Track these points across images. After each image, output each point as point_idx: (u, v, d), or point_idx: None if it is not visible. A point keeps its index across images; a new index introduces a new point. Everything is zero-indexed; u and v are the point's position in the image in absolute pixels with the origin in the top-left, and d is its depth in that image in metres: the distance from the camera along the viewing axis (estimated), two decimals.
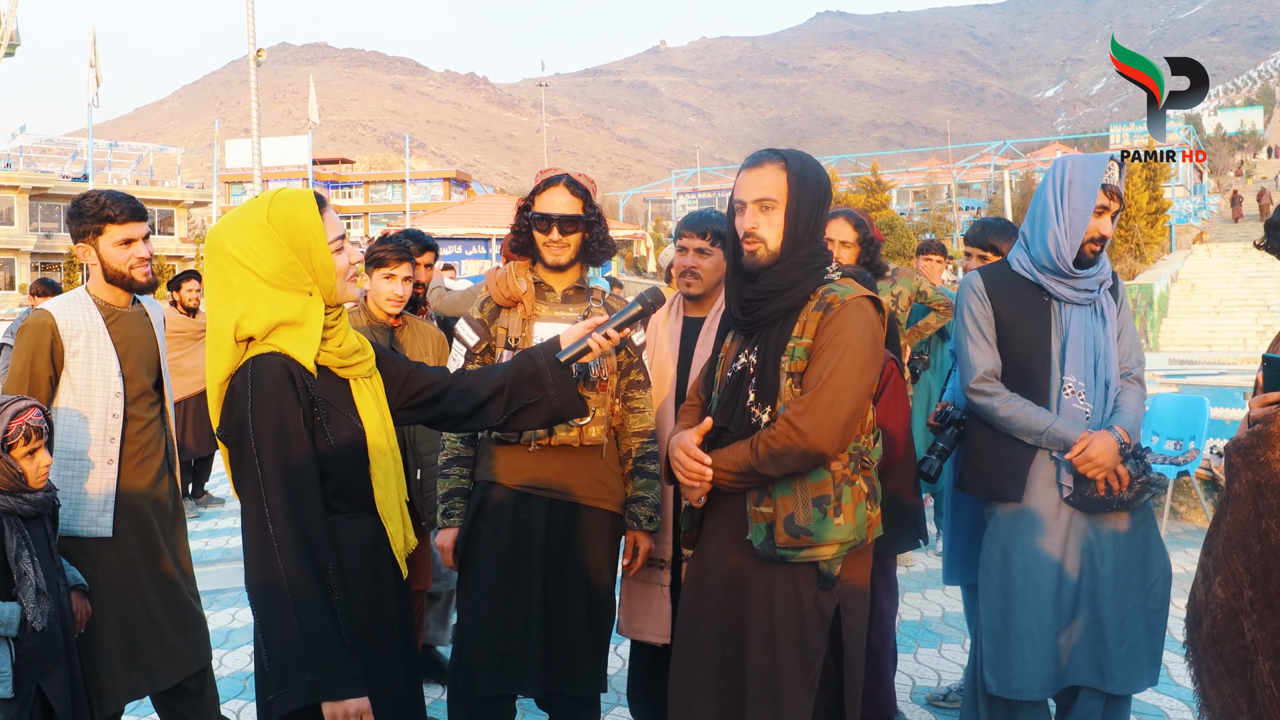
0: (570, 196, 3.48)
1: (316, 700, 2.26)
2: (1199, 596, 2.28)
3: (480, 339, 3.53)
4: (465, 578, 3.46)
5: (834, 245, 4.30)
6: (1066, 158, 3.48)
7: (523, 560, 3.37)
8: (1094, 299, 3.47)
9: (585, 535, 3.45)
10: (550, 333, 3.45)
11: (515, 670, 3.34)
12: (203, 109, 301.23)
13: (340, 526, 2.45)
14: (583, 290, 3.59)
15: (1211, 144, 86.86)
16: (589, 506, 3.46)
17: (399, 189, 76.12)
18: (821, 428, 2.66)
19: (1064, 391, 3.41)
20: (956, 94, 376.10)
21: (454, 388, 2.77)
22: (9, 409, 3.02)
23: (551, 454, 3.42)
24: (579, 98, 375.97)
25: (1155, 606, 3.42)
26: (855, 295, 2.78)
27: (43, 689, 3.02)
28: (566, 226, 3.46)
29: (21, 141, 61.34)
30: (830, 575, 2.78)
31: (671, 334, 3.81)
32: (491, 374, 2.80)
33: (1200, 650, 2.27)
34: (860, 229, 4.39)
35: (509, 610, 3.35)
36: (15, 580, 2.98)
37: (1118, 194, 3.45)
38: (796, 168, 2.83)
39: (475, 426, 2.87)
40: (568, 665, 3.40)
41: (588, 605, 3.44)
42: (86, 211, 3.53)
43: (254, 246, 2.39)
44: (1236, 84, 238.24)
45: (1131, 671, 3.37)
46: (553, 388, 2.77)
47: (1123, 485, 3.31)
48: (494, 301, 3.54)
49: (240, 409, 2.36)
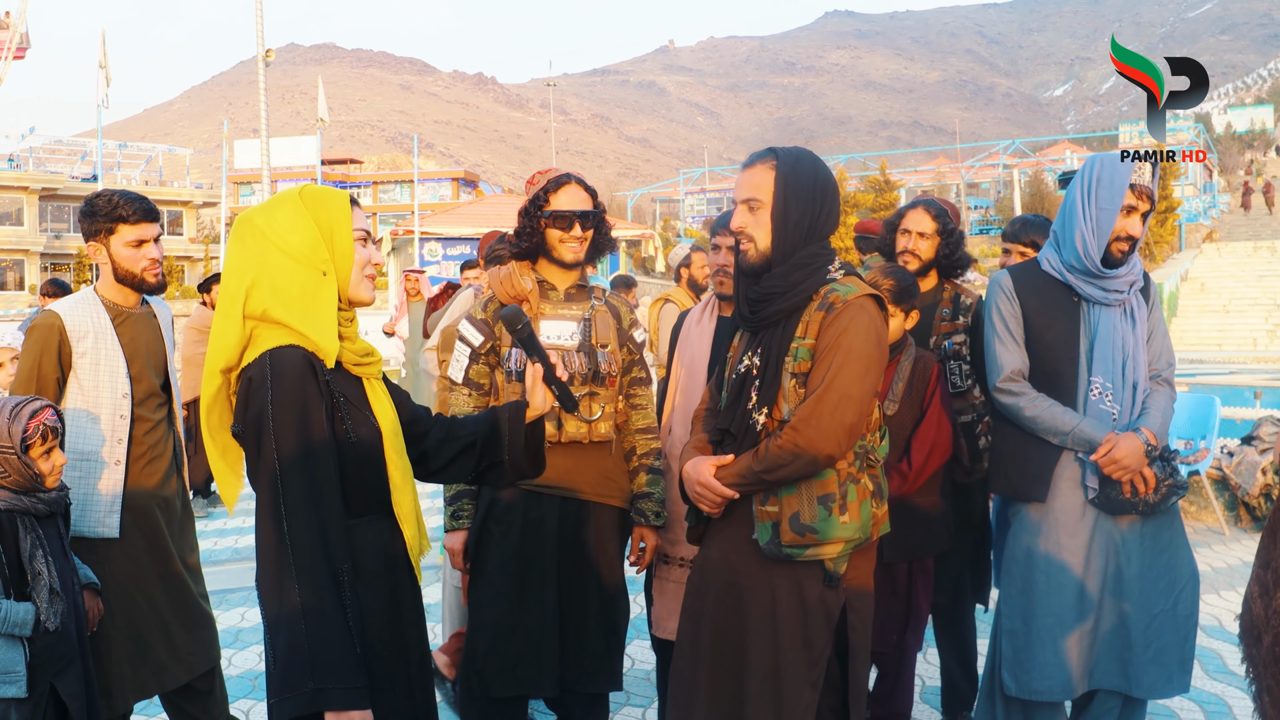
0: (584, 193, 3.52)
1: (318, 708, 2.19)
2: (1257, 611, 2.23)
3: (485, 339, 3.53)
4: (477, 579, 3.46)
5: (911, 236, 4.14)
6: (1096, 156, 3.46)
7: (535, 560, 3.38)
8: (1123, 299, 3.43)
9: (596, 532, 3.47)
10: (556, 330, 3.48)
11: (531, 671, 3.35)
12: (211, 110, 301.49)
13: (357, 529, 2.39)
14: (584, 288, 3.61)
15: (1221, 142, 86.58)
16: (598, 503, 3.48)
17: (407, 189, 76.00)
18: (827, 432, 2.67)
19: (1090, 392, 3.39)
20: (965, 93, 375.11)
21: (434, 431, 2.71)
22: (26, 409, 3.02)
23: (561, 452, 3.42)
24: (587, 97, 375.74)
25: (1185, 611, 3.38)
26: (858, 295, 2.78)
27: (57, 689, 3.01)
28: (586, 222, 3.49)
29: (31, 142, 61.35)
30: (836, 574, 2.78)
31: (704, 333, 3.82)
32: (465, 427, 2.73)
33: (1261, 668, 2.22)
34: (940, 219, 4.15)
35: (523, 611, 3.36)
36: (30, 580, 2.98)
37: (1148, 194, 3.39)
38: (786, 167, 2.82)
39: (444, 480, 2.81)
40: (582, 663, 3.42)
41: (600, 602, 3.46)
42: (99, 211, 3.53)
43: (283, 220, 2.40)
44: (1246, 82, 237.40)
45: (1159, 676, 3.33)
46: (506, 453, 2.71)
47: (1149, 488, 3.28)
48: (497, 301, 3.54)
49: (259, 401, 2.28)
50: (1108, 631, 3.34)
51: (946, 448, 3.80)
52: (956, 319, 4.07)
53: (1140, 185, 3.37)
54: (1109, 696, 3.40)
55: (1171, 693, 3.37)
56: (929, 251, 4.13)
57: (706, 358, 3.76)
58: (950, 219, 4.18)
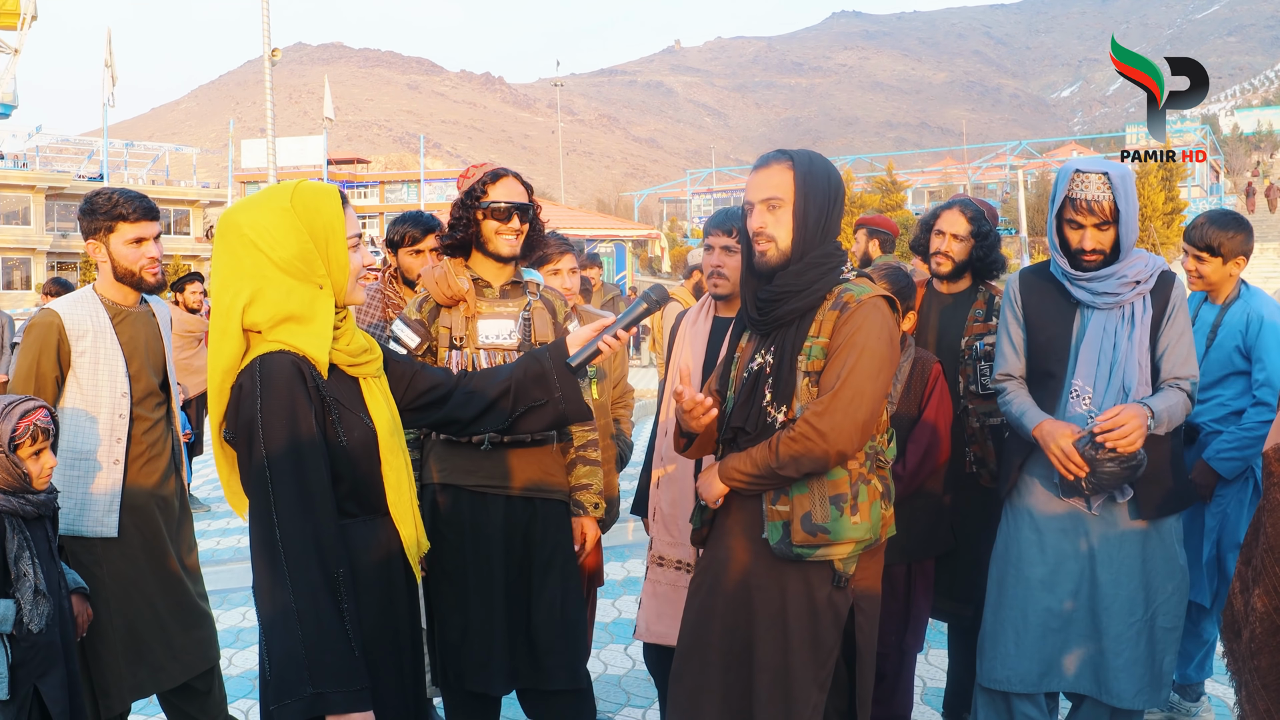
0: (521, 188, 3.53)
1: (317, 713, 2.18)
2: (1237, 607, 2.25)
3: (421, 340, 3.50)
4: (437, 580, 3.46)
5: (944, 238, 4.06)
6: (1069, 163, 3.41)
7: (482, 561, 3.39)
8: (1117, 303, 3.33)
9: (544, 529, 3.48)
10: (494, 329, 3.48)
11: (484, 670, 3.37)
12: (218, 109, 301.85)
13: (352, 530, 2.39)
14: (519, 284, 3.59)
15: (1228, 144, 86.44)
16: (543, 499, 3.48)
17: (414, 189, 76.20)
18: (841, 428, 2.68)
19: (1070, 394, 3.37)
20: (972, 94, 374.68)
21: (459, 389, 2.72)
22: (18, 408, 3.02)
23: (503, 451, 3.42)
24: (594, 98, 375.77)
25: (1166, 625, 3.35)
26: (871, 295, 2.80)
27: (40, 692, 3.00)
28: (523, 215, 3.50)
29: (38, 141, 61.44)
30: (845, 574, 2.80)
31: (698, 334, 3.81)
32: (496, 375, 2.76)
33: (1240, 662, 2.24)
34: (975, 221, 4.04)
35: (471, 613, 3.37)
36: (14, 581, 2.98)
37: (1090, 208, 3.23)
38: (804, 167, 2.83)
39: (480, 430, 2.84)
40: (536, 661, 3.42)
41: (552, 599, 3.45)
42: (99, 209, 3.52)
43: (273, 229, 2.33)
44: (1254, 84, 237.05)
45: (1129, 686, 3.31)
46: (559, 389, 2.74)
47: (1079, 470, 3.19)
48: (432, 301, 3.52)
49: (249, 408, 2.28)
50: (1080, 634, 3.34)
51: (943, 450, 3.78)
52: (989, 320, 4.02)
53: (1081, 199, 3.23)
54: (1097, 707, 3.39)
55: (1142, 704, 3.33)
56: (962, 253, 4.06)
57: (702, 358, 3.75)
58: (986, 221, 4.11)
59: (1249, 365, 4.05)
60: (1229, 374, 4.10)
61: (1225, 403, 4.11)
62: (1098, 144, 79.17)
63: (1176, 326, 3.35)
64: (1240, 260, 4.07)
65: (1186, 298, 3.39)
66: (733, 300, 3.73)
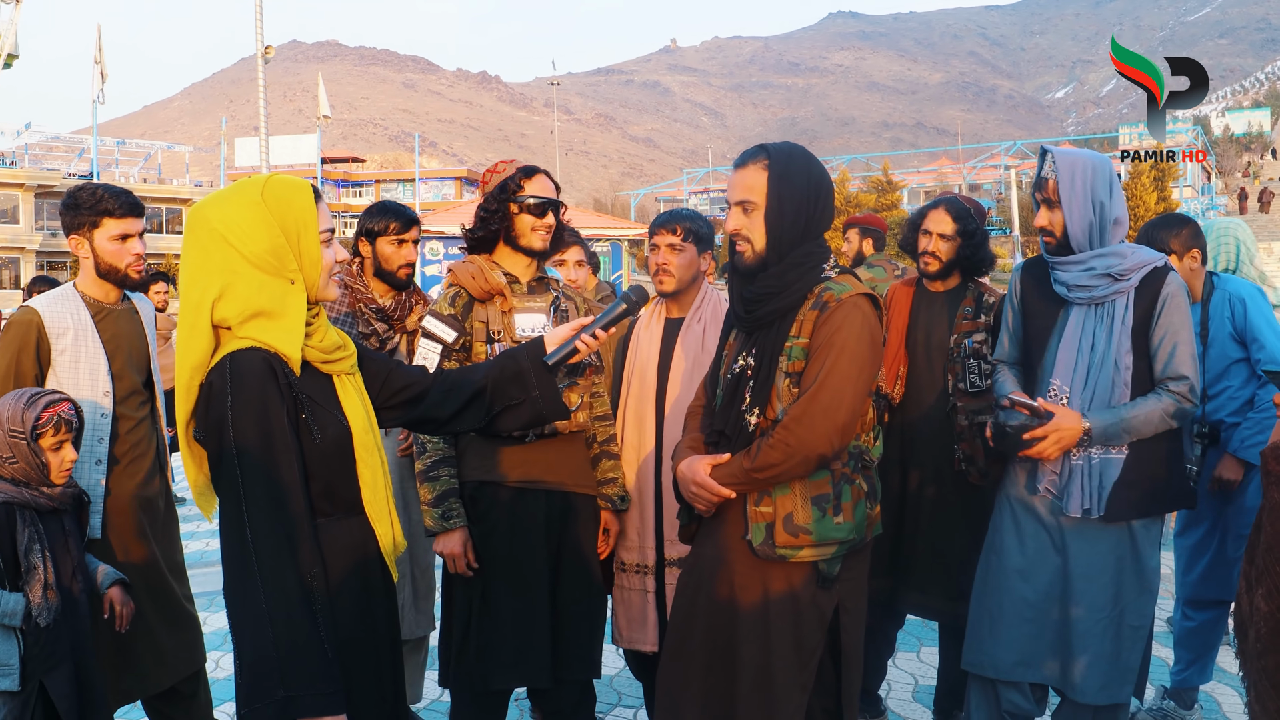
0: (551, 185, 3.56)
1: (290, 716, 2.12)
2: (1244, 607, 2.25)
3: (458, 335, 3.46)
4: (469, 579, 3.42)
5: (931, 238, 4.04)
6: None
7: (527, 556, 3.37)
8: (1091, 298, 3.25)
9: (580, 523, 3.50)
10: (528, 323, 3.47)
11: (529, 664, 3.35)
12: (212, 107, 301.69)
13: (327, 530, 2.33)
14: (544, 280, 3.61)
15: (1219, 145, 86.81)
16: (579, 494, 3.50)
17: (410, 188, 76.15)
18: (819, 432, 2.65)
19: (1049, 393, 3.33)
20: (968, 95, 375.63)
21: (435, 387, 2.66)
22: (43, 398, 2.99)
23: (543, 445, 3.42)
24: (591, 97, 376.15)
25: (1134, 622, 3.29)
26: (851, 293, 2.76)
27: (46, 688, 2.96)
28: (555, 211, 3.53)
29: (27, 139, 61.40)
30: (830, 575, 2.77)
31: (652, 337, 3.83)
32: (472, 375, 2.71)
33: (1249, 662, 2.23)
34: (961, 220, 4.01)
35: (519, 606, 3.35)
36: (23, 574, 2.94)
37: (1038, 183, 3.32)
38: (779, 166, 2.79)
39: (455, 430, 2.79)
40: (571, 652, 3.43)
41: (585, 592, 3.48)
42: (83, 204, 3.45)
43: (243, 223, 2.28)
44: (1244, 86, 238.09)
45: (1092, 681, 3.26)
46: (536, 389, 2.68)
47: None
48: (465, 295, 3.49)
49: (219, 407, 2.22)
50: (1052, 628, 3.32)
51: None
52: (978, 317, 4.01)
53: (1042, 176, 3.33)
54: (1079, 709, 3.35)
55: (1105, 700, 3.28)
56: (949, 252, 4.04)
57: (655, 361, 3.76)
58: (972, 219, 4.09)
59: (1245, 351, 4.11)
60: (1230, 364, 4.16)
61: (1235, 394, 4.15)
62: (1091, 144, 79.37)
63: (1164, 324, 3.19)
64: (1195, 253, 4.11)
65: (1183, 292, 3.25)
66: (681, 298, 3.77)
